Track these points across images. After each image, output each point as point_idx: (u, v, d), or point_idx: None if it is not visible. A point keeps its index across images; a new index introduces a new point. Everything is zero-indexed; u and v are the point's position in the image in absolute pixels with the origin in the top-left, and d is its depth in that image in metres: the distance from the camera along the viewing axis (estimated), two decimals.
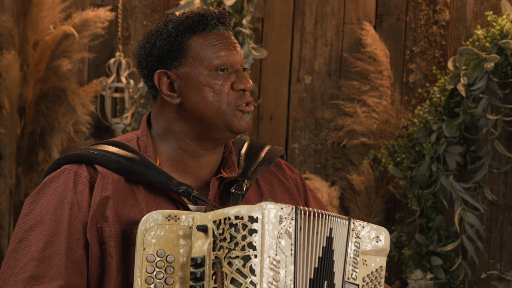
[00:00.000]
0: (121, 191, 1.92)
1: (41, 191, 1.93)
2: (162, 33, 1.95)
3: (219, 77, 1.94)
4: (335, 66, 3.70)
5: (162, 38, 1.95)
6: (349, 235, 1.91)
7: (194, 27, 1.95)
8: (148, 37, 1.97)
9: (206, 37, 1.95)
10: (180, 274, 1.81)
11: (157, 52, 1.95)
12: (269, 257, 1.75)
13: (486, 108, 3.42)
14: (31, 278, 1.85)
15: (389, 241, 1.97)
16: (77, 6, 3.68)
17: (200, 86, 1.94)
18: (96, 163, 1.93)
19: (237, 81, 1.96)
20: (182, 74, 1.95)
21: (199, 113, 1.94)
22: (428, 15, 3.62)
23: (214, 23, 1.95)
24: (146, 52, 1.97)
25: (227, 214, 1.76)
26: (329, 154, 3.70)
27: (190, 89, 1.94)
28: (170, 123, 1.98)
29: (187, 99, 1.95)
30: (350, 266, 1.90)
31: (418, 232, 3.53)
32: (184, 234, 1.82)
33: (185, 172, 1.99)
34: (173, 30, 1.95)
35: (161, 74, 1.96)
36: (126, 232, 1.89)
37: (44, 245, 1.87)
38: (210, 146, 1.99)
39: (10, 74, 3.50)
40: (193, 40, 1.95)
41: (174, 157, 1.99)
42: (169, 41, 1.94)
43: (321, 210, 1.86)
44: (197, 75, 1.94)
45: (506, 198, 3.54)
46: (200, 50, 1.94)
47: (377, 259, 1.96)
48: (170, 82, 1.96)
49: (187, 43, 1.94)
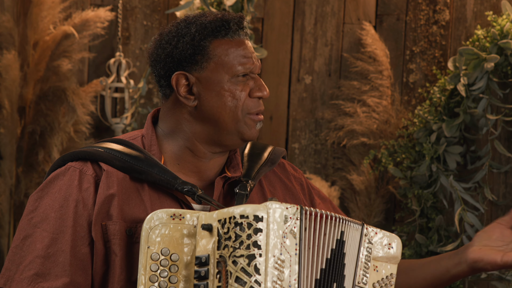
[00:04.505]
0: (126, 189, 1.92)
1: (46, 188, 1.93)
2: (185, 36, 1.94)
3: (239, 83, 1.95)
4: (335, 66, 3.70)
5: (185, 41, 1.94)
6: (361, 240, 1.91)
7: (217, 31, 1.95)
8: (169, 38, 1.96)
9: (229, 43, 1.95)
10: (184, 273, 1.82)
11: (179, 54, 1.94)
12: (273, 256, 1.75)
13: (486, 108, 3.42)
14: (36, 276, 1.85)
15: (401, 249, 1.96)
16: (77, 6, 3.68)
17: (221, 91, 1.94)
18: (101, 161, 1.93)
19: (255, 88, 1.96)
20: (203, 78, 1.95)
21: (216, 117, 1.94)
22: (428, 15, 3.63)
23: (236, 28, 1.96)
24: (165, 53, 1.95)
25: (233, 213, 1.76)
26: (329, 154, 3.70)
27: (210, 93, 1.94)
28: (180, 123, 1.98)
29: (205, 103, 1.95)
30: (361, 270, 1.90)
31: (418, 232, 3.53)
32: (189, 233, 1.82)
33: (190, 171, 1.99)
34: (197, 34, 1.94)
35: (179, 76, 1.95)
36: (130, 230, 1.89)
37: (49, 242, 1.87)
38: (218, 149, 1.99)
39: (10, 74, 3.49)
40: (216, 45, 1.94)
41: (181, 156, 1.99)
42: (192, 45, 1.93)
43: (331, 213, 1.87)
44: (219, 81, 1.94)
45: (506, 198, 3.55)
46: (223, 55, 1.94)
47: (388, 266, 1.96)
48: (188, 84, 1.95)
49: (209, 47, 1.94)
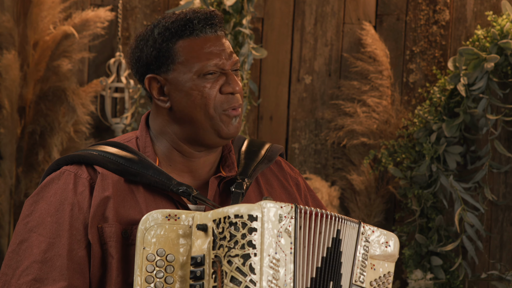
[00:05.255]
0: (121, 192, 1.91)
1: (41, 192, 1.92)
2: (149, 40, 1.93)
3: (208, 81, 1.92)
4: (335, 66, 3.70)
5: (149, 45, 1.93)
6: (358, 238, 1.91)
7: (181, 31, 1.92)
8: (137, 43, 1.96)
9: (193, 42, 1.92)
10: (180, 273, 1.81)
11: (145, 58, 1.94)
12: (268, 255, 1.75)
13: (486, 108, 3.42)
14: (34, 281, 1.85)
15: (398, 247, 1.96)
16: (77, 6, 3.68)
17: (189, 90, 1.92)
18: (95, 164, 1.93)
19: (225, 84, 1.93)
20: (171, 79, 1.93)
21: (189, 116, 1.93)
22: (428, 15, 3.62)
23: (202, 26, 1.92)
24: (135, 57, 1.96)
25: (227, 213, 1.76)
26: (329, 154, 3.70)
27: (180, 94, 1.93)
28: (164, 125, 1.97)
29: (176, 103, 1.94)
30: (358, 269, 1.90)
31: (418, 232, 3.52)
32: (184, 233, 1.82)
33: (183, 171, 1.99)
34: (159, 36, 1.92)
35: (151, 79, 1.95)
36: (126, 232, 1.89)
37: (46, 247, 1.86)
38: (202, 148, 1.98)
39: (10, 74, 3.49)
40: (180, 45, 1.92)
41: (170, 157, 1.99)
42: (155, 48, 1.92)
43: (327, 211, 1.86)
44: (186, 80, 1.92)
45: (506, 198, 3.54)
46: (188, 55, 1.92)
47: (385, 264, 1.96)
48: (160, 86, 1.95)
49: (173, 48, 1.92)
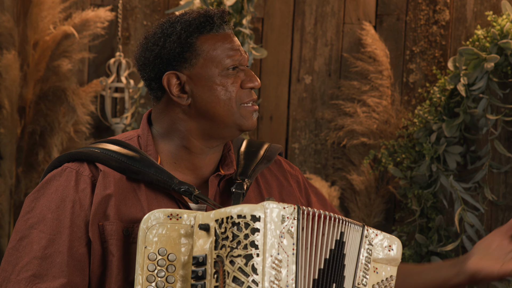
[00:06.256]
0: (123, 190, 1.92)
1: (42, 189, 1.93)
2: (171, 35, 1.95)
3: (230, 76, 1.96)
4: (335, 66, 3.70)
5: (172, 40, 1.95)
6: (362, 241, 1.91)
7: (202, 27, 1.96)
8: (155, 40, 1.97)
9: (215, 38, 1.97)
10: (181, 273, 1.81)
11: (167, 54, 1.95)
12: (271, 256, 1.75)
13: (486, 108, 3.42)
14: (33, 277, 1.85)
15: (401, 251, 1.97)
16: (77, 6, 3.68)
17: (213, 85, 1.95)
18: (97, 161, 1.93)
19: (246, 79, 1.98)
20: (193, 75, 1.96)
21: (211, 112, 1.95)
22: (428, 15, 3.62)
23: (220, 22, 1.98)
24: (153, 54, 1.96)
25: (230, 213, 1.76)
26: (329, 154, 3.70)
27: (203, 89, 1.95)
28: (174, 123, 1.98)
29: (198, 99, 1.96)
30: (361, 272, 1.90)
31: (418, 232, 3.52)
32: (186, 233, 1.82)
33: (187, 168, 1.99)
34: (183, 31, 1.95)
35: (170, 76, 1.96)
36: (127, 230, 1.89)
37: (46, 243, 1.87)
38: (216, 143, 2.00)
39: (10, 74, 3.49)
40: (202, 40, 1.96)
41: (177, 155, 1.99)
42: (179, 43, 1.95)
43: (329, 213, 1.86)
44: (210, 76, 1.95)
45: (506, 198, 3.54)
46: (211, 50, 1.95)
47: (388, 268, 1.96)
48: (179, 83, 1.96)
49: (196, 44, 1.95)
